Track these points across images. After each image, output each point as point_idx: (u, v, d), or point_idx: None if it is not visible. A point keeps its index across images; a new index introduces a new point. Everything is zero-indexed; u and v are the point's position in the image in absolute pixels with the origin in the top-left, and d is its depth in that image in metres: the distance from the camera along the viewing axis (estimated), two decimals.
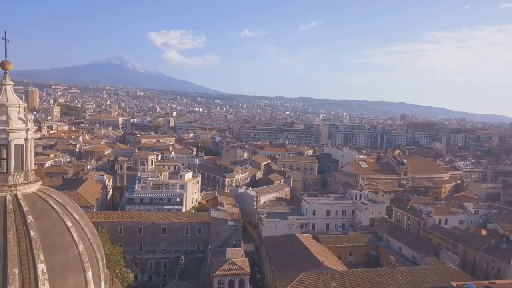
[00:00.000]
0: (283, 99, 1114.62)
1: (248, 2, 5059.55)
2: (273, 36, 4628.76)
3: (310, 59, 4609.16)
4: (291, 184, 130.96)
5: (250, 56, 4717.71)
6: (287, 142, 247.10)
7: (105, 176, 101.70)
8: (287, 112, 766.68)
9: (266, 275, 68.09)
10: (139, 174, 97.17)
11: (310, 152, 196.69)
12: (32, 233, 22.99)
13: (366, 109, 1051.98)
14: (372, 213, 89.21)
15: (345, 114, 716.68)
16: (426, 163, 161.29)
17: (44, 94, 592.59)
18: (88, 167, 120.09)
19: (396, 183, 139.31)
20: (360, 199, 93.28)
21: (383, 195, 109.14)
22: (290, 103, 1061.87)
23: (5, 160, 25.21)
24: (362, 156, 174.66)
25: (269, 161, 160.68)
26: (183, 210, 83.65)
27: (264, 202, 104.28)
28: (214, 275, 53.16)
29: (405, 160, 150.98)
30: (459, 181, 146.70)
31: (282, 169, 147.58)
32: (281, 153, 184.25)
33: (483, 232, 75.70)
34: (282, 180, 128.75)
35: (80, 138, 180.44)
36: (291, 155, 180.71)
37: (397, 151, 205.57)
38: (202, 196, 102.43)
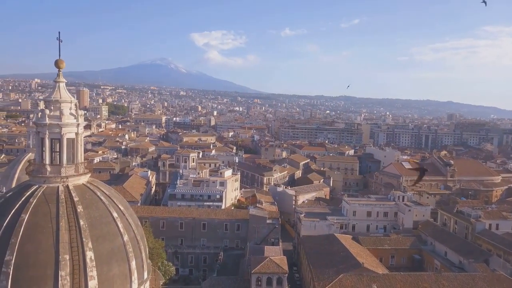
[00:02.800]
0: (324, 98, 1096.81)
1: (289, 0, 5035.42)
2: (314, 34, 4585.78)
3: (352, 57, 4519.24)
4: (331, 184, 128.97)
5: (291, 55, 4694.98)
6: (327, 141, 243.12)
7: (149, 172, 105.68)
8: (327, 111, 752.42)
9: (304, 275, 67.60)
10: (181, 171, 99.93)
11: (351, 152, 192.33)
12: (81, 222, 24.36)
13: (410, 108, 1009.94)
14: (416, 215, 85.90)
15: (388, 113, 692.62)
16: (476, 164, 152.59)
17: (94, 94, 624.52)
18: (133, 163, 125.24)
19: (442, 185, 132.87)
20: (403, 200, 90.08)
21: (427, 197, 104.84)
22: (331, 102, 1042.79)
23: (58, 153, 26.88)
24: (405, 157, 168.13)
25: (308, 160, 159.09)
26: (223, 207, 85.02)
27: (303, 202, 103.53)
28: (252, 272, 53.46)
29: (452, 161, 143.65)
30: None
31: (322, 169, 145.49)
32: (320, 153, 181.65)
33: None
34: (322, 180, 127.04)
35: (126, 136, 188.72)
36: (331, 154, 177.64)
37: (443, 152, 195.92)
38: (241, 194, 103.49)
